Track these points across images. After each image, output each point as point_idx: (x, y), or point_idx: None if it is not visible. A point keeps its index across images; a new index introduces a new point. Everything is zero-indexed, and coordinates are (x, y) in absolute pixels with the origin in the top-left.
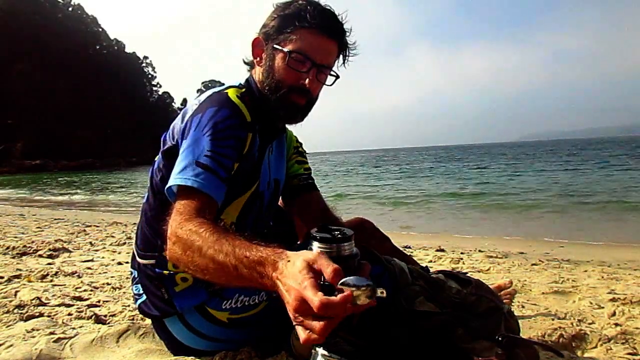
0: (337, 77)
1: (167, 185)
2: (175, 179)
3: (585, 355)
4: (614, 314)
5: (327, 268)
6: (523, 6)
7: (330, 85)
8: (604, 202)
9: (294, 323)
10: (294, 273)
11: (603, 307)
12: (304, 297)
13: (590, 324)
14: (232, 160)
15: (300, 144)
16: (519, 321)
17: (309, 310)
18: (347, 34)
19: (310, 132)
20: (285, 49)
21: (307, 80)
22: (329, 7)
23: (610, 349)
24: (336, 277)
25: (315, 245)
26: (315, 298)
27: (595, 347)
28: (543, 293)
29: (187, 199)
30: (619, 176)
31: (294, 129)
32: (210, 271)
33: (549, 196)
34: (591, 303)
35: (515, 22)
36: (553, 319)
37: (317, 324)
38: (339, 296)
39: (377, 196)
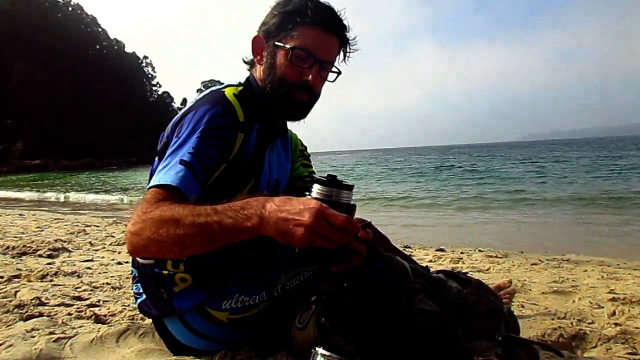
0: (339, 73)
1: (149, 185)
2: (156, 179)
3: (585, 355)
4: (613, 313)
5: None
6: (528, 4)
7: (332, 81)
8: None
9: (307, 240)
10: (306, 200)
11: (603, 307)
12: (326, 214)
13: (590, 323)
14: (215, 162)
15: (305, 147)
16: (519, 321)
17: (323, 227)
18: (347, 29)
19: (309, 132)
20: (287, 46)
21: (310, 77)
22: (328, 3)
23: (610, 348)
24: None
25: (316, 187)
26: (340, 215)
27: (595, 346)
28: (543, 293)
29: (158, 190)
30: None
31: (295, 128)
32: (190, 236)
33: None
34: (591, 303)
35: (521, 20)
36: (553, 319)
37: (340, 233)
38: (355, 218)
39: None
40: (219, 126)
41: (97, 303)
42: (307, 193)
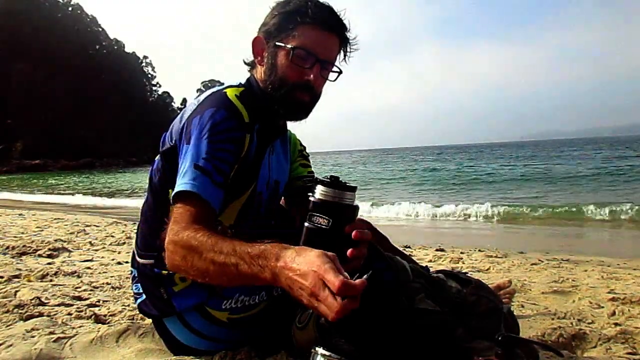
0: (340, 72)
1: (172, 196)
2: (178, 187)
3: (585, 354)
4: (613, 313)
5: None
6: (531, 5)
7: (333, 81)
8: None
9: (311, 305)
10: (311, 260)
11: (603, 307)
12: (325, 278)
13: (589, 323)
14: (229, 165)
15: (304, 147)
16: (519, 321)
17: (322, 295)
18: (347, 29)
19: (309, 131)
20: (288, 46)
21: (311, 76)
22: (327, 3)
23: (610, 348)
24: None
25: (319, 188)
26: (337, 279)
27: (595, 346)
28: (543, 293)
29: (184, 206)
30: None
31: (295, 128)
32: (210, 273)
33: None
34: (591, 303)
35: (523, 20)
36: (553, 319)
37: (335, 304)
38: (357, 280)
39: None
40: (227, 129)
41: (97, 303)
42: (310, 194)
